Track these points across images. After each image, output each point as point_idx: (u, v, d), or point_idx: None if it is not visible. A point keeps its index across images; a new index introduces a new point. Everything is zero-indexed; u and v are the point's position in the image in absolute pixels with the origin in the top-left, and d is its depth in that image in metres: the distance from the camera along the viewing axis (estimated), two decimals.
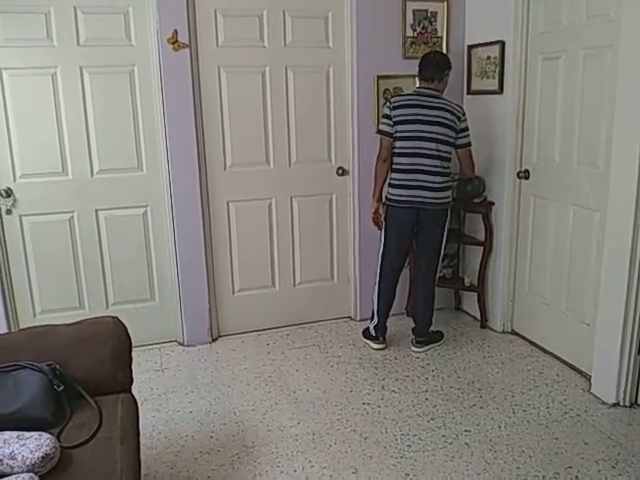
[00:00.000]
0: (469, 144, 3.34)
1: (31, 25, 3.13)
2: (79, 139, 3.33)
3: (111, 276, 3.56)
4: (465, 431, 2.72)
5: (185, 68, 3.35)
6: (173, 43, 3.29)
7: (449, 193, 3.34)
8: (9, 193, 3.27)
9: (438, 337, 3.65)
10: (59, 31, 3.18)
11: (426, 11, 3.73)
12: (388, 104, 3.29)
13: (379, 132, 3.32)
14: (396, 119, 3.24)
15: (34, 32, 3.15)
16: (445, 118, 3.22)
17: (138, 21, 3.29)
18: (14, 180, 3.27)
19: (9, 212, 3.29)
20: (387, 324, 3.57)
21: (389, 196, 3.36)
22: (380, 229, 3.47)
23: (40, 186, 3.31)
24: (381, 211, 3.42)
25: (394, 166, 3.31)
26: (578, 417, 2.81)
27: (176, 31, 3.28)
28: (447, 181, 3.31)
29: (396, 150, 3.28)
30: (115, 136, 3.39)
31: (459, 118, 3.25)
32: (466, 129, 3.30)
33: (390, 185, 3.34)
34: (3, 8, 3.07)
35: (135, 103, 3.38)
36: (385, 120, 3.28)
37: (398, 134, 3.25)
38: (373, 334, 3.55)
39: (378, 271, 3.50)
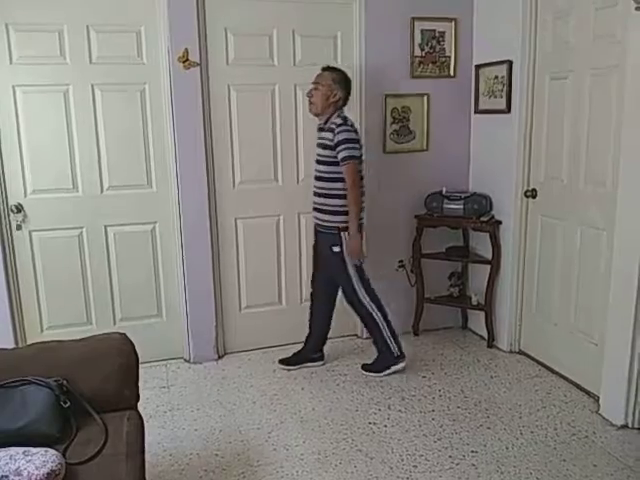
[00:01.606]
0: None
1: (44, 43, 3.19)
2: (90, 156, 3.36)
3: (119, 292, 3.57)
4: (472, 452, 2.69)
5: (195, 86, 3.38)
6: (184, 62, 3.33)
7: None
8: (19, 209, 3.30)
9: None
10: (72, 49, 3.24)
11: (434, 31, 3.77)
12: (350, 128, 3.12)
13: (356, 159, 3.12)
14: (361, 142, 3.21)
15: (47, 50, 3.20)
16: None
17: (150, 40, 3.34)
18: (25, 196, 3.30)
19: (19, 228, 3.32)
20: None
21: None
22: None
23: (50, 202, 3.35)
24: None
25: (361, 190, 3.21)
26: (586, 439, 2.78)
27: (187, 50, 3.32)
28: None
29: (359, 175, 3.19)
30: (125, 153, 3.42)
31: None
32: None
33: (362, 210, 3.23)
34: (18, 26, 3.13)
35: (145, 120, 3.42)
36: (358, 145, 3.14)
37: (362, 157, 3.21)
38: (399, 354, 3.42)
39: (374, 307, 3.33)
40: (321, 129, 3.22)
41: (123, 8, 3.28)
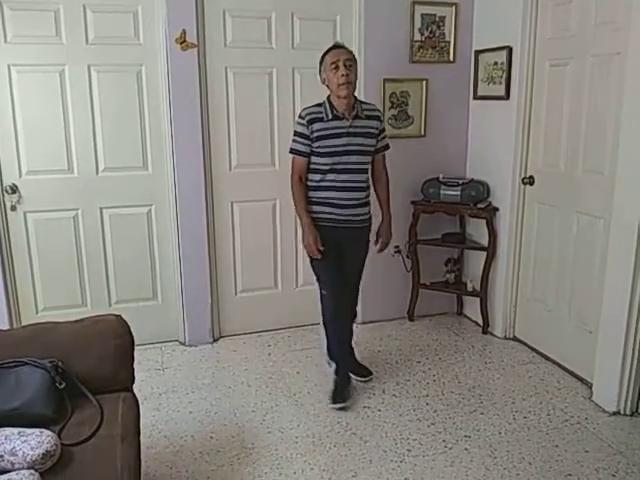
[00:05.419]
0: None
1: (41, 23, 3.15)
2: (85, 137, 3.34)
3: (114, 274, 3.56)
4: (465, 437, 2.71)
5: (193, 68, 3.35)
6: (181, 43, 3.29)
7: None
8: (14, 189, 3.28)
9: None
10: (68, 29, 3.20)
11: (434, 15, 3.74)
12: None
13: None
14: None
15: (43, 30, 3.16)
16: None
17: (147, 20, 3.30)
18: (20, 176, 3.28)
19: (14, 208, 3.30)
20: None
21: None
22: None
23: (45, 183, 3.33)
24: None
25: None
26: (579, 425, 2.80)
27: (184, 31, 3.29)
28: None
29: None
30: (121, 135, 3.40)
31: None
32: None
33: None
34: (12, 4, 3.09)
35: (142, 102, 3.39)
36: None
37: None
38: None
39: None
40: (357, 117, 2.85)
41: None
